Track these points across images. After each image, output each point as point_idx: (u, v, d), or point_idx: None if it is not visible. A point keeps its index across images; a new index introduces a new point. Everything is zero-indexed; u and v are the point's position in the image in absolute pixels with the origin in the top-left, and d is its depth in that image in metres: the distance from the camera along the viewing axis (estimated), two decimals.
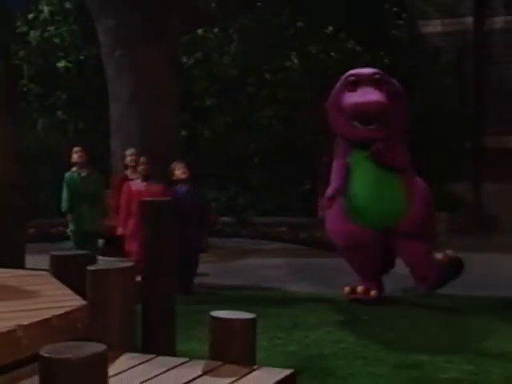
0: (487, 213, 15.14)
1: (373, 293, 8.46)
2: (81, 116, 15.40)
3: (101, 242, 12.67)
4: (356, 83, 8.24)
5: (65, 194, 9.88)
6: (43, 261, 6.18)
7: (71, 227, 9.94)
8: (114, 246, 11.27)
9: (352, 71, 8.47)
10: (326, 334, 7.33)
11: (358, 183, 8.42)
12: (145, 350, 4.80)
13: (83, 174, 9.96)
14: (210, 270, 9.89)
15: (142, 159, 9.41)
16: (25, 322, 3.99)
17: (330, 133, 14.53)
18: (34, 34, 15.01)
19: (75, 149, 10.04)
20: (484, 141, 14.99)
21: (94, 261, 5.48)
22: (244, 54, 15.06)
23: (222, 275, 8.86)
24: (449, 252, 8.87)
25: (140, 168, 9.27)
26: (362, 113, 8.09)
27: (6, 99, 7.15)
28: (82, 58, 14.69)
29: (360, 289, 8.51)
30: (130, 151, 10.01)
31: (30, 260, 8.13)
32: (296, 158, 13.82)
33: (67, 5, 14.96)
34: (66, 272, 5.17)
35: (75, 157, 9.93)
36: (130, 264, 4.53)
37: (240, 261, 8.96)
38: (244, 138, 14.29)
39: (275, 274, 10.69)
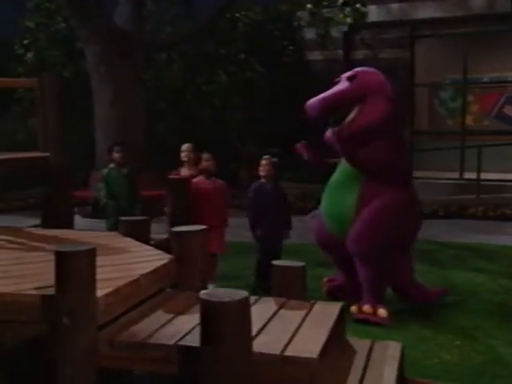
0: None
1: (381, 311, 5.32)
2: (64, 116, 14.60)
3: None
4: (337, 84, 5.63)
5: (103, 189, 7.25)
6: None
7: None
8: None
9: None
10: None
11: (327, 186, 5.78)
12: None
13: (124, 171, 7.34)
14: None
15: (206, 156, 6.56)
16: (143, 272, 3.69)
17: (253, 128, 14.59)
18: (29, 55, 14.07)
19: (116, 148, 7.38)
20: None
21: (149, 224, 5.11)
22: (185, 72, 14.68)
23: None
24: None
25: (205, 165, 6.53)
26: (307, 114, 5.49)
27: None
28: (67, 73, 13.83)
29: (367, 308, 5.37)
30: (185, 146, 7.04)
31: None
32: (225, 147, 13.53)
33: (58, 34, 14.14)
34: (134, 233, 4.84)
35: (117, 156, 7.31)
36: (203, 227, 4.23)
37: None
38: (186, 133, 13.86)
39: None
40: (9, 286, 3.38)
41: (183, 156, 7.00)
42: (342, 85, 5.53)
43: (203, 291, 2.90)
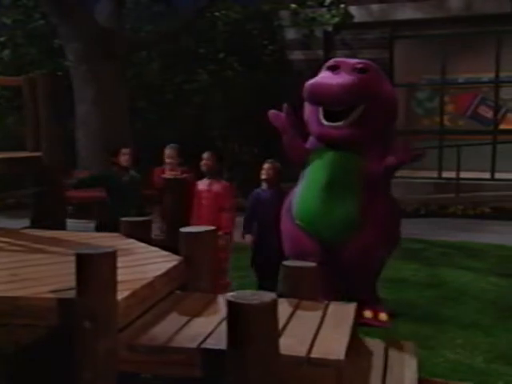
0: None
1: (382, 315, 5.19)
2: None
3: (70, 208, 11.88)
4: (335, 69, 4.91)
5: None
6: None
7: None
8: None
9: (336, 59, 5.22)
10: None
11: (309, 184, 5.09)
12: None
13: (128, 175, 6.64)
14: None
15: (205, 155, 6.24)
16: (156, 274, 3.64)
17: (234, 127, 14.53)
18: (6, 52, 13.79)
19: (124, 150, 6.60)
20: None
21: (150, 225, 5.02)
22: (164, 70, 14.57)
23: None
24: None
25: (202, 164, 6.21)
26: (314, 96, 4.79)
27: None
28: (44, 71, 13.57)
29: (367, 313, 5.18)
30: (168, 147, 6.58)
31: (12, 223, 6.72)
32: (206, 147, 13.43)
33: (35, 31, 13.88)
34: (136, 234, 4.77)
35: (123, 159, 6.54)
36: (213, 228, 4.19)
37: None
38: (167, 132, 13.74)
39: None
40: (21, 289, 3.30)
41: (166, 155, 6.57)
42: (356, 76, 4.85)
43: (230, 293, 2.87)
